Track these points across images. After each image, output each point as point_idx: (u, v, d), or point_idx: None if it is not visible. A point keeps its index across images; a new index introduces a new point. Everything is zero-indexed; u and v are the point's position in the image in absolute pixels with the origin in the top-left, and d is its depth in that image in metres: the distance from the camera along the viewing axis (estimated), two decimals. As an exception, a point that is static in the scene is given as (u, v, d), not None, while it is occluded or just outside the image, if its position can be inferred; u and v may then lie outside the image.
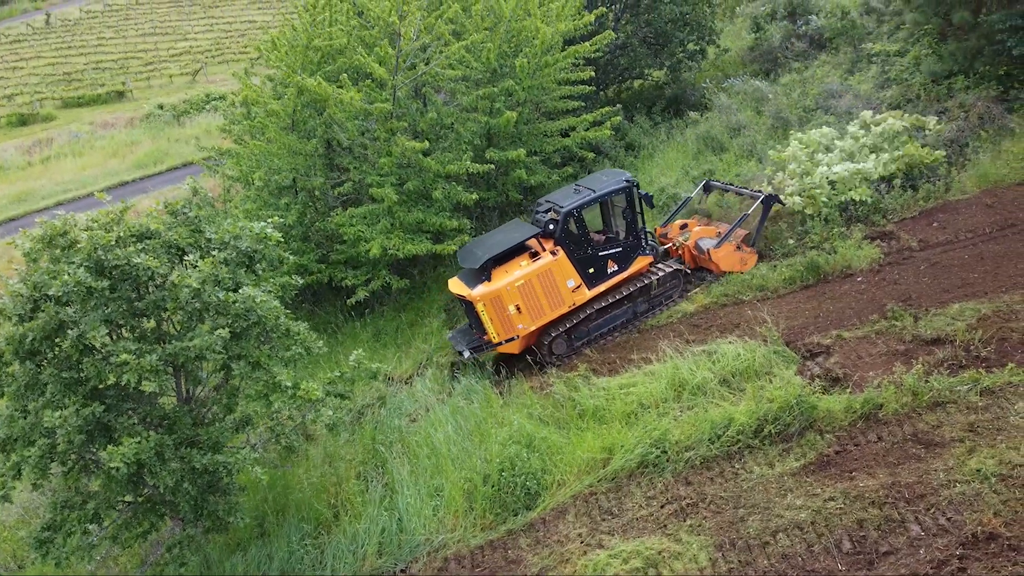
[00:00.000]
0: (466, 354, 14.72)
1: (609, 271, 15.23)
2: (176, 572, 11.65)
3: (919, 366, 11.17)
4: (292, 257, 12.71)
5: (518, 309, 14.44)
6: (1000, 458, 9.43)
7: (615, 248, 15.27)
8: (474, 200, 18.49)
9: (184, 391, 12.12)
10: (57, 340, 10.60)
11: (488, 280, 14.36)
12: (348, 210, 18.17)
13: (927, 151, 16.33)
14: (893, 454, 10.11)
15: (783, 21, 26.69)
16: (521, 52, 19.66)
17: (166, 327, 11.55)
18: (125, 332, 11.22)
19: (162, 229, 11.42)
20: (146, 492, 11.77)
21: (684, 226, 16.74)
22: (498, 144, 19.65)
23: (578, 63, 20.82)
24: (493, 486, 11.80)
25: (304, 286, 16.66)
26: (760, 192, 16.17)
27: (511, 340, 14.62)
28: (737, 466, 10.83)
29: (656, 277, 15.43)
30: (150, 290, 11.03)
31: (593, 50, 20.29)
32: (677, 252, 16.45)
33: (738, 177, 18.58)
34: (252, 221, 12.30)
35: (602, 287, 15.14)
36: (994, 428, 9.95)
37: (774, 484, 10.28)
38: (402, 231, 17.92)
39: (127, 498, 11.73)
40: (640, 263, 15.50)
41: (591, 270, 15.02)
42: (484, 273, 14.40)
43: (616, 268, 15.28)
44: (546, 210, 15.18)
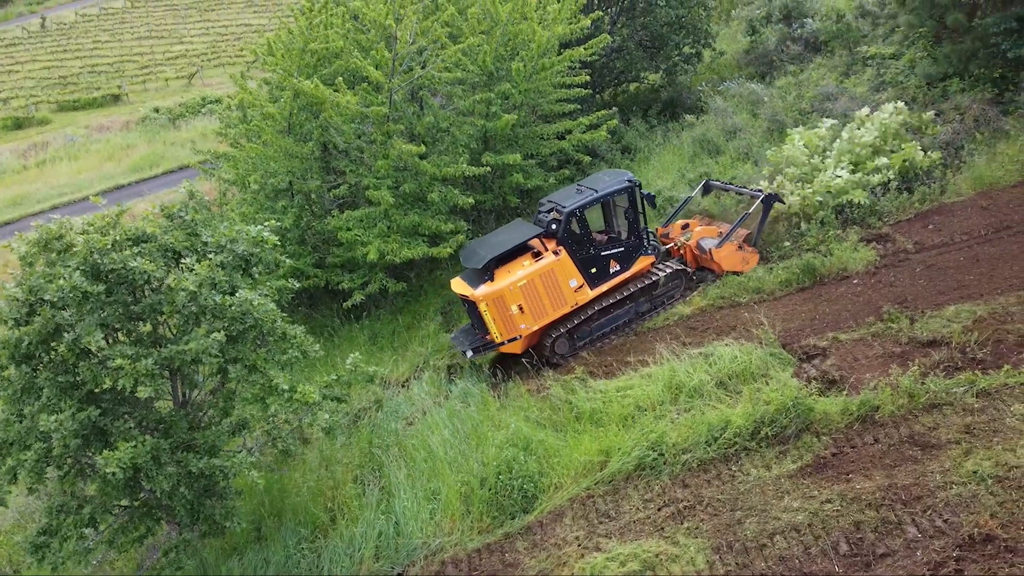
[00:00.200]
0: (469, 354, 14.73)
1: (611, 271, 15.26)
2: (172, 576, 11.64)
3: (915, 368, 11.19)
4: (288, 260, 12.69)
5: (521, 309, 14.46)
6: (996, 460, 9.45)
7: (617, 248, 15.32)
8: (471, 203, 18.52)
9: (180, 395, 12.10)
10: (53, 344, 10.59)
11: (491, 280, 14.37)
12: (345, 213, 18.16)
13: (925, 153, 16.37)
14: (890, 456, 10.13)
15: (778, 24, 26.74)
16: (517, 55, 19.67)
17: (162, 331, 11.54)
18: (121, 336, 11.22)
19: (158, 233, 11.41)
20: (142, 496, 11.74)
21: (686, 226, 16.76)
22: (494, 147, 19.66)
23: (574, 66, 20.85)
24: (490, 489, 11.79)
25: (300, 289, 16.64)
26: (760, 191, 16.21)
27: (514, 340, 14.63)
28: (734, 468, 10.84)
29: (662, 275, 15.46)
30: (146, 294, 11.03)
31: (589, 54, 20.32)
32: (679, 252, 16.48)
33: (735, 180, 18.59)
34: (248, 224, 12.30)
35: (604, 287, 15.18)
36: (990, 430, 9.97)
37: (771, 486, 10.29)
38: (399, 234, 17.92)
39: (123, 502, 11.72)
40: (642, 263, 15.55)
41: (593, 270, 15.05)
42: (487, 273, 14.42)
43: (618, 268, 15.32)
44: (548, 210, 15.22)
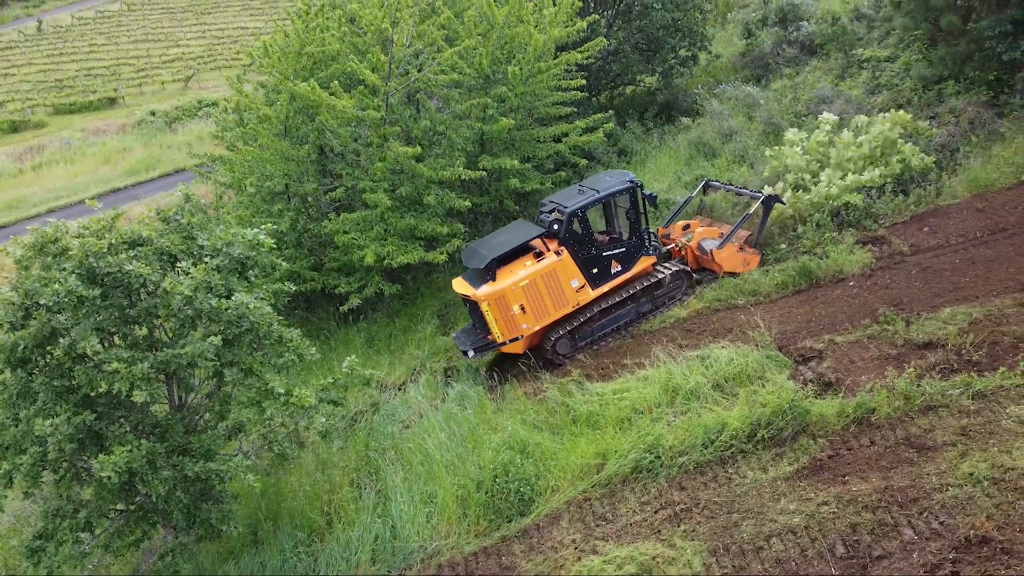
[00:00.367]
0: (471, 354, 14.75)
1: (613, 271, 15.30)
2: (168, 580, 11.62)
3: (911, 370, 11.21)
4: (285, 264, 12.68)
5: (522, 309, 14.49)
6: (992, 462, 9.46)
7: (619, 248, 15.36)
8: (467, 206, 18.53)
9: (176, 398, 12.08)
10: (49, 348, 10.58)
11: (493, 280, 14.40)
12: (341, 216, 18.15)
13: (921, 156, 16.41)
14: (886, 458, 10.14)
15: (774, 27, 26.81)
16: (514, 59, 19.69)
17: (158, 334, 11.51)
18: (117, 340, 11.19)
19: (154, 236, 11.39)
20: (138, 500, 11.72)
21: (686, 227, 16.80)
22: (491, 150, 19.67)
23: (571, 69, 20.86)
24: (487, 492, 11.78)
25: (297, 292, 16.64)
26: (760, 193, 16.23)
27: (515, 340, 14.66)
28: (731, 471, 10.84)
29: (666, 274, 15.49)
30: (142, 297, 11.00)
31: (585, 57, 20.34)
32: (680, 253, 16.51)
33: (732, 182, 18.59)
34: (245, 228, 12.28)
35: (606, 287, 15.21)
36: (986, 432, 9.99)
37: (767, 489, 10.30)
38: (395, 237, 17.91)
39: (119, 506, 11.69)
40: (643, 263, 15.58)
41: (595, 270, 15.09)
42: (489, 273, 14.45)
43: (620, 268, 15.36)
44: (550, 210, 15.26)
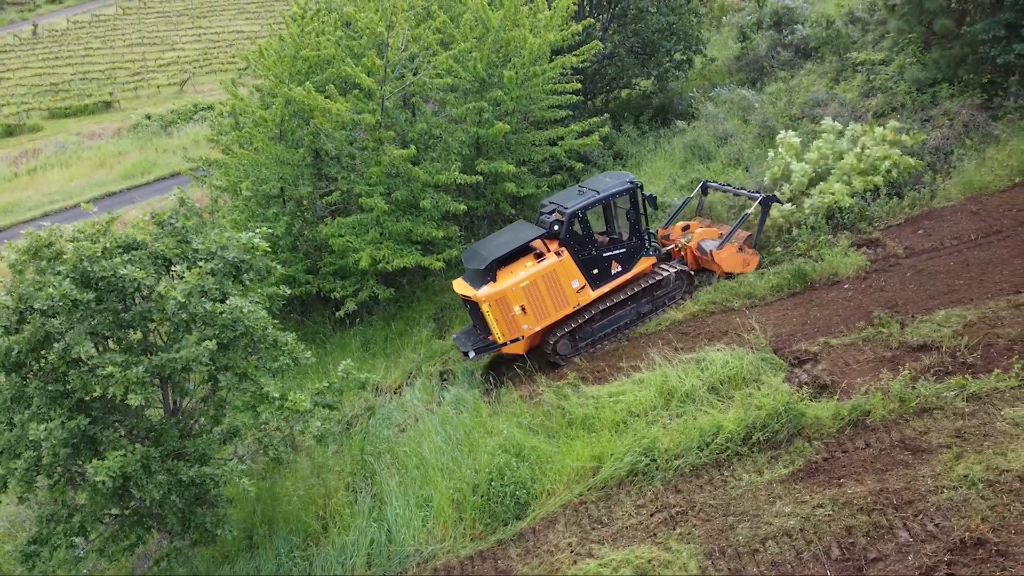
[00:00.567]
0: (471, 355, 14.77)
1: (613, 272, 15.33)
2: (163, 585, 11.59)
3: (906, 373, 11.23)
4: (280, 267, 12.67)
5: (523, 310, 14.50)
6: (987, 464, 9.47)
7: (619, 249, 15.40)
8: (463, 210, 18.53)
9: (171, 403, 12.05)
10: (43, 352, 10.53)
11: (493, 281, 14.42)
12: (336, 220, 18.14)
13: (907, 159, 16.47)
14: (881, 460, 10.14)
15: (769, 31, 26.88)
16: (509, 62, 19.71)
17: (153, 338, 11.49)
18: (111, 344, 11.17)
19: (149, 240, 11.37)
20: (133, 505, 11.68)
21: (686, 228, 16.83)
22: (487, 154, 19.68)
23: (566, 73, 20.89)
24: (482, 496, 11.75)
25: (292, 296, 16.62)
26: (758, 193, 16.27)
27: (516, 340, 14.68)
28: (726, 474, 10.84)
29: (667, 274, 15.52)
30: (136, 301, 10.98)
31: (581, 60, 20.36)
32: (679, 253, 16.54)
33: (729, 184, 18.64)
34: (240, 231, 12.26)
35: (606, 288, 15.24)
36: (981, 434, 10.00)
37: (763, 491, 10.29)
38: (391, 241, 17.90)
39: (114, 511, 11.64)
40: (643, 264, 15.61)
41: (595, 271, 15.12)
42: (489, 274, 14.47)
43: (620, 269, 15.39)
44: (551, 211, 15.29)
